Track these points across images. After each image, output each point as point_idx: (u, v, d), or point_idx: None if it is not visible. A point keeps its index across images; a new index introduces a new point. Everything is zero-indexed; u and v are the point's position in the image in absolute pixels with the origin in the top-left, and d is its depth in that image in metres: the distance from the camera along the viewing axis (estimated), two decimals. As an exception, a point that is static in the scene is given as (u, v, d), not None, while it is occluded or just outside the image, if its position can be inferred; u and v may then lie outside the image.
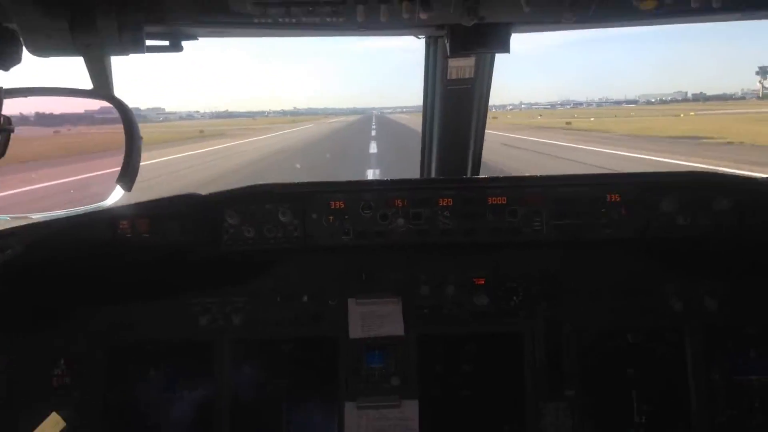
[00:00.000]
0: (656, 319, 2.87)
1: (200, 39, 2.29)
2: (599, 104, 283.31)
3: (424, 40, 2.84)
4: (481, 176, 3.30)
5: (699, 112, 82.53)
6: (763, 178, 2.81)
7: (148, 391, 2.88)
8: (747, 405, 2.80)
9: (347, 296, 2.90)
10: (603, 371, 2.87)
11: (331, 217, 2.73)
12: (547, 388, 2.83)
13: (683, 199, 2.68)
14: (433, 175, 3.31)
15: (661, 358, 2.87)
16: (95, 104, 2.06)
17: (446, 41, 2.39)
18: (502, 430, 2.84)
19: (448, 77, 2.86)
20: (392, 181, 2.88)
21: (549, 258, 2.89)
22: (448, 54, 2.48)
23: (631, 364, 2.87)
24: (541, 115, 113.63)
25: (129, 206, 2.66)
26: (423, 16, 1.92)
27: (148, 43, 2.04)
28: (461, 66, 2.81)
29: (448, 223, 2.73)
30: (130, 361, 2.88)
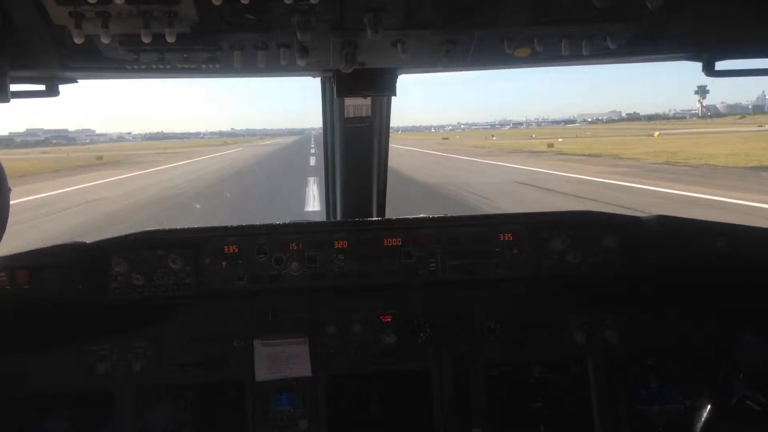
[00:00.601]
0: (560, 351, 2.86)
1: (80, 81, 2.28)
2: (539, 124, 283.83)
3: (320, 79, 2.87)
4: (376, 218, 3.25)
5: (663, 132, 74.02)
6: (645, 216, 2.88)
7: None
8: None
9: (253, 337, 2.74)
10: (510, 406, 2.84)
11: (224, 263, 2.65)
12: (456, 425, 2.77)
13: (572, 238, 2.74)
14: (339, 217, 3.30)
15: (567, 391, 2.86)
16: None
17: (333, 83, 2.47)
18: None
19: (346, 115, 2.85)
20: (287, 225, 2.84)
21: (453, 295, 2.83)
22: (335, 95, 2.50)
23: (538, 398, 2.85)
24: (494, 136, 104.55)
25: (5, 257, 2.52)
26: (301, 62, 1.98)
27: (18, 87, 2.06)
28: (358, 104, 2.80)
29: (344, 266, 2.70)
30: (24, 413, 2.67)
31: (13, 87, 1.98)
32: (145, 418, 2.74)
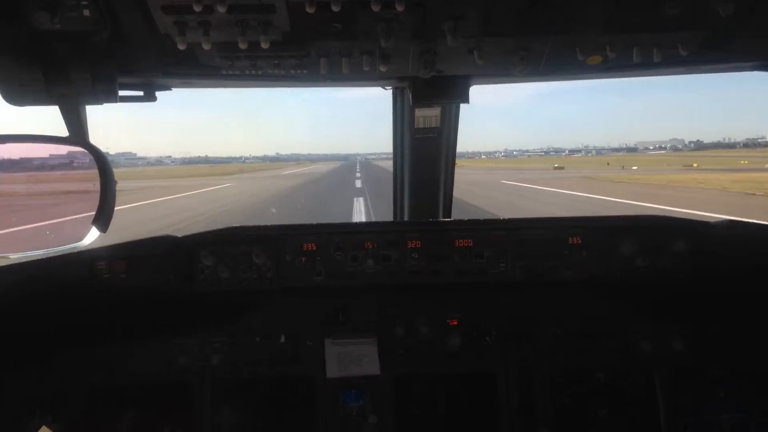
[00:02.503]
0: (626, 359, 2.87)
1: (174, 90, 2.43)
2: (599, 152, 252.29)
3: (391, 90, 2.98)
4: (448, 219, 3.34)
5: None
6: (716, 221, 2.83)
7: None
8: None
9: (324, 336, 2.89)
10: (576, 411, 2.86)
11: (303, 259, 2.75)
12: (522, 428, 2.82)
13: (642, 242, 2.75)
14: (405, 218, 3.39)
15: (633, 398, 2.87)
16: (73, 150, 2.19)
17: (408, 92, 2.61)
18: None
19: (416, 126, 2.95)
20: (363, 224, 3.16)
21: (520, 299, 2.90)
22: (411, 104, 2.65)
23: (604, 404, 2.86)
24: (629, 167, 70.20)
25: (105, 248, 2.65)
26: (383, 68, 2.12)
27: (122, 93, 2.19)
28: (428, 116, 2.90)
29: (417, 264, 2.75)
30: (108, 401, 2.83)
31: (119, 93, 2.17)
32: (220, 409, 2.85)
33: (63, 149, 2.26)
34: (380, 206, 19.95)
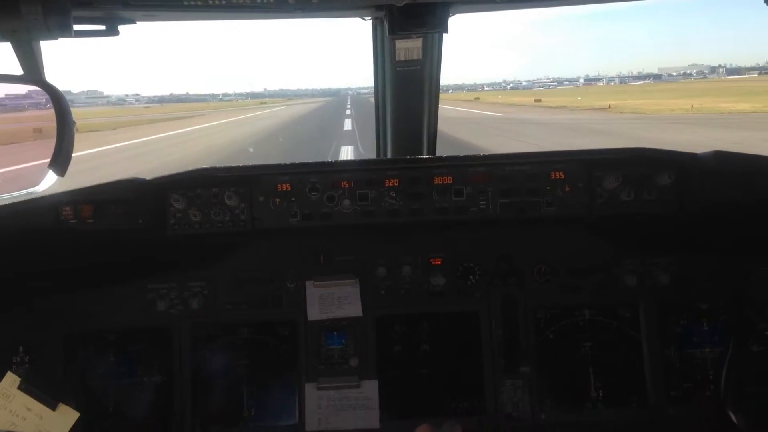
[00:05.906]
0: (611, 294, 3.06)
1: (138, 23, 2.42)
2: (622, 80, 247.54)
3: (370, 21, 3.07)
4: (427, 156, 3.48)
5: None
6: (702, 153, 2.92)
7: (108, 378, 2.98)
8: (701, 377, 2.99)
9: (305, 278, 3.04)
10: (559, 347, 3.05)
11: (277, 200, 2.84)
12: (505, 365, 3.00)
13: (626, 176, 2.84)
14: (389, 155, 3.52)
15: (617, 334, 3.06)
16: (26, 89, 2.20)
17: (384, 22, 2.66)
18: (461, 407, 2.99)
19: (397, 59, 3.06)
20: (338, 163, 3.08)
21: (503, 237, 3.06)
22: (387, 34, 2.72)
23: (587, 340, 3.05)
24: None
25: (70, 192, 2.76)
26: None
27: (81, 27, 2.19)
28: (409, 47, 2.99)
29: (395, 203, 2.85)
30: (88, 348, 2.99)
31: (75, 27, 2.10)
32: (202, 353, 3.01)
33: (16, 89, 2.24)
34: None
